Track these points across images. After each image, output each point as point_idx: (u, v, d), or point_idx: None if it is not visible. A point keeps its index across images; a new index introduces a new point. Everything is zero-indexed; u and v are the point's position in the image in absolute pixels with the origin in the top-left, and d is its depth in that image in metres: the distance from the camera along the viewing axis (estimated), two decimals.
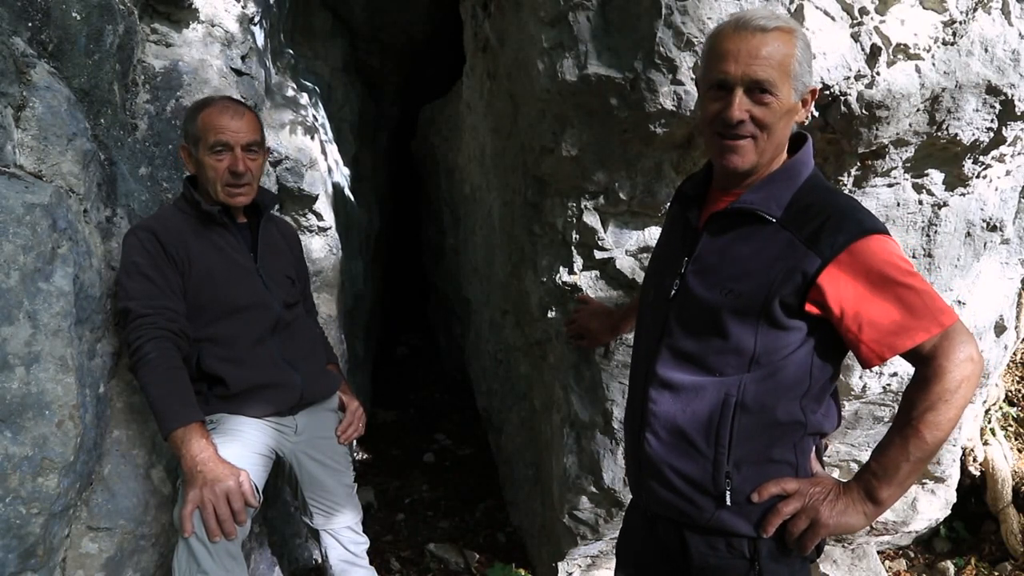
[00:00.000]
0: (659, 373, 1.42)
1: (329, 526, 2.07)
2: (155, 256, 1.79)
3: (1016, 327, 2.62)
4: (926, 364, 1.25)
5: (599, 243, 2.15)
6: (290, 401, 1.95)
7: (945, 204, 2.10)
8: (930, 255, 2.16)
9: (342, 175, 3.72)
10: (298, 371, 1.98)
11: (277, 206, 2.38)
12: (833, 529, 1.30)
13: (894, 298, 1.24)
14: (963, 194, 2.11)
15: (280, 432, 1.95)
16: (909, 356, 1.27)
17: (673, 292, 1.43)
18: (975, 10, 1.84)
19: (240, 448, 1.80)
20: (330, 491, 2.05)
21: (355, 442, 3.54)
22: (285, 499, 2.57)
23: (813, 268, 1.26)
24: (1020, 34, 1.86)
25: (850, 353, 1.34)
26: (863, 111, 1.83)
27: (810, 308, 1.29)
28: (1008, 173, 2.16)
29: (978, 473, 2.92)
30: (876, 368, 2.31)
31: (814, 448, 1.42)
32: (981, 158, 2.03)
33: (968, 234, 2.17)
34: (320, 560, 2.12)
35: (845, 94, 1.82)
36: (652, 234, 2.14)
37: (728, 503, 1.35)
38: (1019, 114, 1.92)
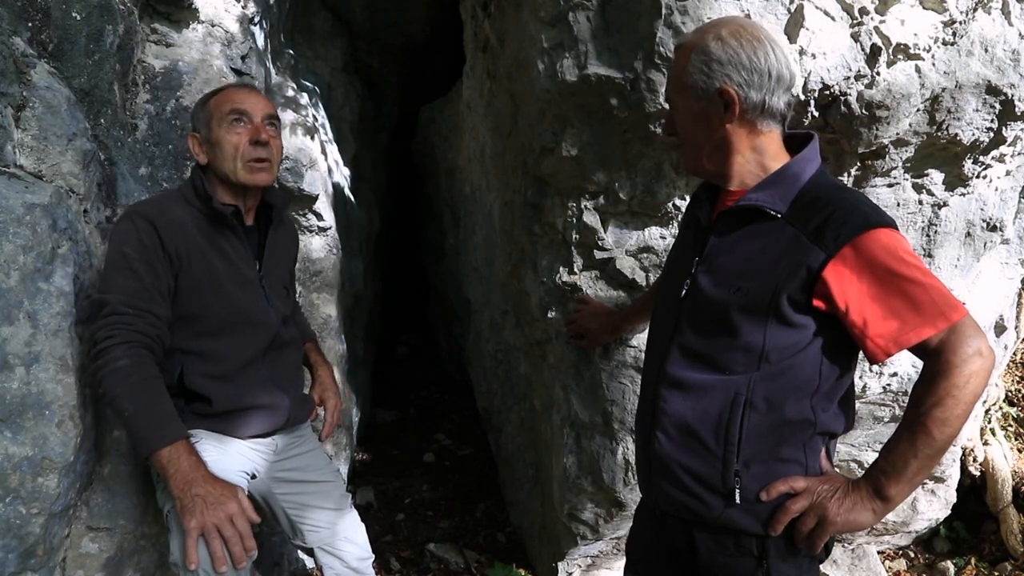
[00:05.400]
0: (669, 372, 1.43)
1: (324, 543, 1.91)
2: (150, 251, 1.60)
3: (1016, 327, 2.62)
4: (933, 359, 1.24)
5: (599, 243, 2.15)
6: (277, 423, 1.83)
7: (945, 204, 2.10)
8: (930, 255, 2.16)
9: (342, 175, 3.72)
10: (287, 394, 1.86)
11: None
12: (841, 527, 1.30)
13: (900, 292, 1.23)
14: (963, 194, 2.11)
15: (258, 453, 1.83)
16: (916, 351, 1.26)
17: (684, 292, 1.45)
18: (975, 10, 1.84)
19: (223, 468, 1.64)
20: (317, 506, 1.91)
21: (355, 442, 3.54)
22: None
23: (817, 262, 1.26)
24: (1020, 34, 1.87)
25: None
26: (863, 111, 1.83)
27: (817, 303, 1.29)
28: (1008, 173, 2.16)
29: (978, 473, 2.92)
30: (877, 368, 2.31)
31: (824, 448, 1.41)
32: (981, 158, 2.03)
33: (968, 234, 2.17)
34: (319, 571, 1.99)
35: (845, 94, 1.82)
36: (652, 234, 2.14)
37: (737, 501, 1.35)
38: (1019, 114, 1.92)
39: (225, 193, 1.75)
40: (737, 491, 1.35)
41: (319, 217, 2.95)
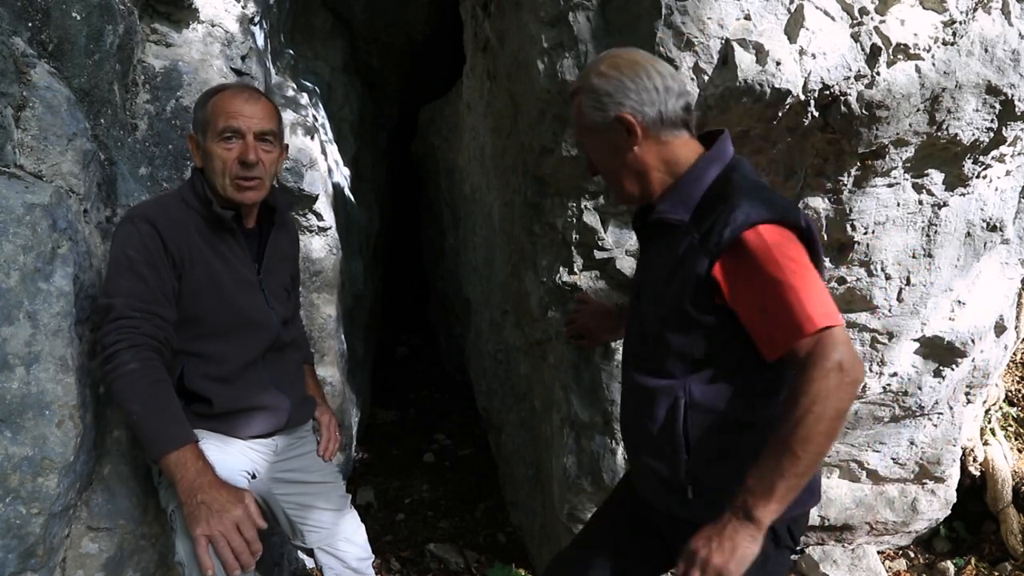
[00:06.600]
0: (629, 377, 1.55)
1: (324, 543, 1.91)
2: (153, 253, 1.61)
3: (1016, 327, 2.62)
4: (798, 373, 1.23)
5: (599, 243, 2.15)
6: (278, 424, 1.84)
7: (945, 204, 2.10)
8: (930, 255, 2.16)
9: (342, 175, 3.72)
10: (287, 395, 1.86)
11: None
12: (738, 567, 1.25)
13: (771, 297, 1.25)
14: (963, 194, 2.11)
15: (259, 453, 1.83)
16: (788, 360, 1.26)
17: (634, 303, 1.56)
18: (975, 10, 1.84)
19: (225, 467, 1.65)
20: (317, 508, 1.91)
21: (355, 442, 3.54)
22: None
23: (704, 268, 1.31)
24: (1020, 34, 1.87)
25: None
26: (863, 111, 1.83)
27: (720, 303, 1.33)
28: (1008, 173, 2.16)
29: (978, 473, 2.92)
30: (877, 368, 2.32)
31: None
32: (981, 158, 2.03)
33: (968, 234, 2.17)
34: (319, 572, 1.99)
35: (845, 94, 1.82)
36: None
37: (690, 496, 1.43)
38: (1019, 114, 1.92)
39: (222, 199, 1.74)
40: (690, 488, 1.43)
41: (319, 217, 2.95)
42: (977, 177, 2.09)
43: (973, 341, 2.35)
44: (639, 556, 1.59)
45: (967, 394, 2.61)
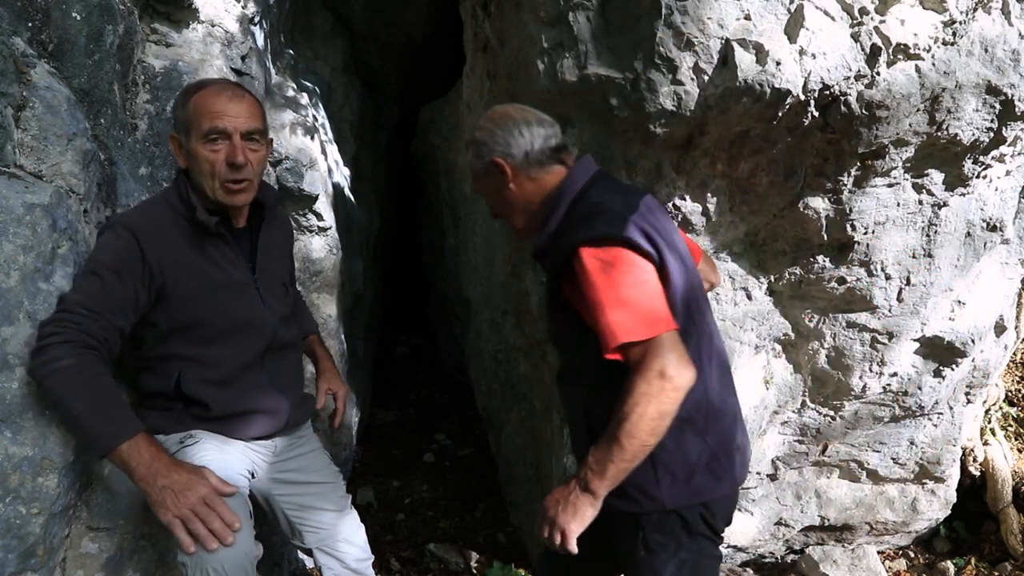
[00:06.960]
0: (559, 387, 1.73)
1: (323, 544, 1.91)
2: (125, 261, 1.56)
3: (1016, 327, 2.62)
4: (629, 376, 1.37)
5: None
6: (277, 426, 1.82)
7: (945, 204, 2.10)
8: (930, 255, 2.16)
9: (342, 175, 3.72)
10: (286, 397, 1.84)
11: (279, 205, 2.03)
12: (580, 526, 1.45)
13: (591, 315, 1.40)
14: (963, 194, 2.11)
15: (258, 453, 1.81)
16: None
17: None
18: (975, 10, 1.84)
19: (225, 468, 1.62)
20: (317, 508, 1.90)
21: (354, 442, 3.54)
22: None
23: (557, 288, 1.52)
24: (1020, 34, 1.87)
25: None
26: (863, 111, 1.83)
27: (579, 318, 1.48)
28: (1008, 173, 2.16)
29: (978, 473, 2.92)
30: (877, 368, 2.32)
31: (686, 429, 1.51)
32: (981, 158, 2.03)
33: (968, 234, 2.18)
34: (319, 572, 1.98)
35: (845, 94, 1.82)
36: None
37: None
38: (1019, 114, 1.92)
39: (210, 201, 1.69)
40: None
41: (319, 217, 2.95)
42: (977, 177, 2.09)
43: (973, 341, 2.35)
44: (604, 546, 1.69)
45: (967, 394, 2.61)
